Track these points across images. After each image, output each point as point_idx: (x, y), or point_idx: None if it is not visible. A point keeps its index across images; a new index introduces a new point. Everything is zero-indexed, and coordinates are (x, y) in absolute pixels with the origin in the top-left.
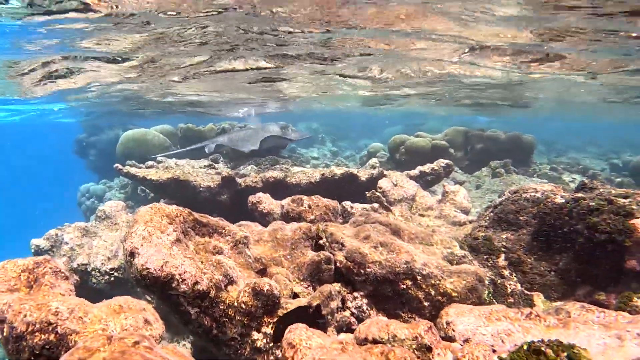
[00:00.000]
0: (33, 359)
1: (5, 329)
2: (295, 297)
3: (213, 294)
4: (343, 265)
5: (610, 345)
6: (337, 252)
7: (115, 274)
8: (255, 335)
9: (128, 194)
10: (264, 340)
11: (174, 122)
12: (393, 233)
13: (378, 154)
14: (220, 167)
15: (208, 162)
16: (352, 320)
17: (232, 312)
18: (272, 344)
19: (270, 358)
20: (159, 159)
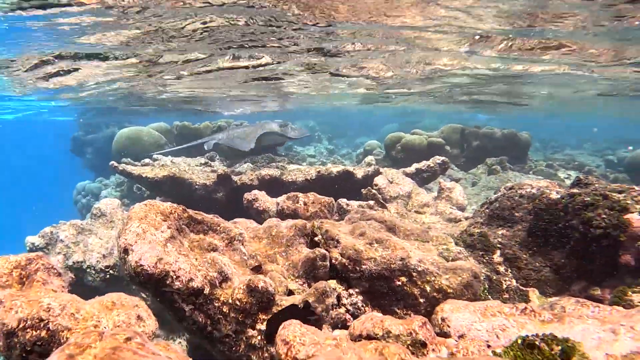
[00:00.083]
0: (25, 356)
1: None
2: (291, 294)
3: (207, 291)
4: (338, 262)
5: (605, 339)
6: (332, 249)
7: (111, 272)
8: (250, 332)
9: (124, 192)
10: (259, 337)
11: (170, 120)
12: (389, 230)
13: (374, 152)
14: (216, 164)
15: (204, 159)
16: (347, 317)
17: (226, 309)
18: (266, 341)
19: (265, 355)
20: (155, 157)
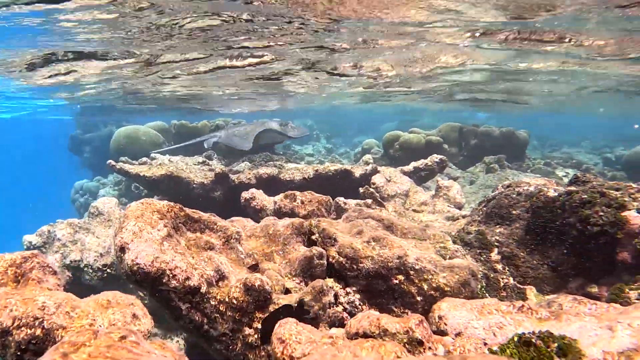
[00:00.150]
0: (20, 354)
1: None
2: (287, 292)
3: (204, 290)
4: (335, 261)
5: (602, 336)
6: (329, 247)
7: (108, 271)
8: (247, 331)
9: (122, 191)
10: (256, 336)
11: (169, 119)
12: (386, 228)
13: (372, 150)
14: (214, 163)
15: (202, 158)
16: (344, 316)
17: (223, 307)
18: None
19: (262, 354)
20: (153, 155)
